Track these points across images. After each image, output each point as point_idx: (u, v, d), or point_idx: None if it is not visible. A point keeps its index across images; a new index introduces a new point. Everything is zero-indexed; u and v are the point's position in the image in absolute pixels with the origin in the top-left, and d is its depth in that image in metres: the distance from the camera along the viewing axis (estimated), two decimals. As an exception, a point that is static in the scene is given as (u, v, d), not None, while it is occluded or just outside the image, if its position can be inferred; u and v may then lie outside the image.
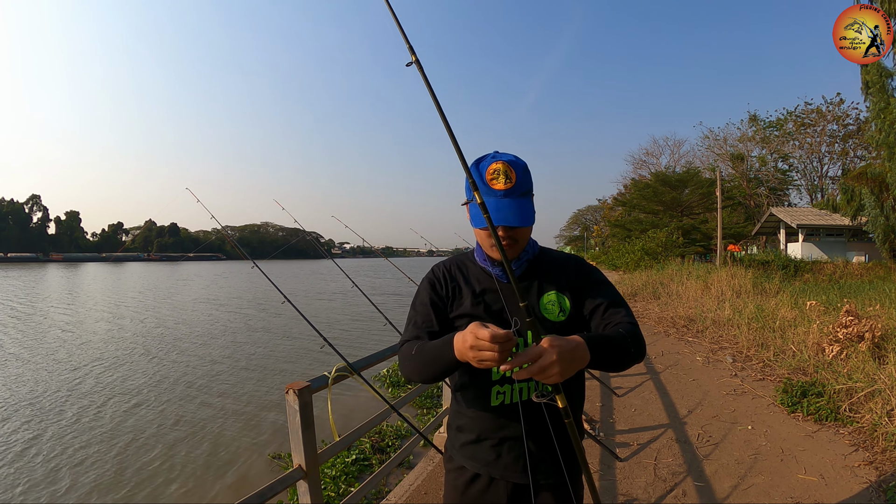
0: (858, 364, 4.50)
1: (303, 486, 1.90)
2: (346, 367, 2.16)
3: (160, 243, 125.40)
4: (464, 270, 1.22)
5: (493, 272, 1.17)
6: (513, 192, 1.06)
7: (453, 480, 1.22)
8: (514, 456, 1.13)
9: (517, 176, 1.07)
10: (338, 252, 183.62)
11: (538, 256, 1.20)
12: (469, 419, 1.19)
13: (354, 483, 3.85)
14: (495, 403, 1.13)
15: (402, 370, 1.14)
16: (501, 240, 1.06)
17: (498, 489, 1.15)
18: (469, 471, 1.18)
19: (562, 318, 1.13)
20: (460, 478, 1.20)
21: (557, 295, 1.15)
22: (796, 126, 35.67)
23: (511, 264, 1.13)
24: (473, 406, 1.17)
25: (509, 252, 1.11)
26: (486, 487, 1.16)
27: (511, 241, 1.10)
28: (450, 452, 1.25)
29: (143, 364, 9.12)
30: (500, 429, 1.13)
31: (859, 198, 17.57)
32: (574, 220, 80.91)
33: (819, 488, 2.85)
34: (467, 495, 1.18)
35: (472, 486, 1.17)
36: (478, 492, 1.17)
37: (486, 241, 1.13)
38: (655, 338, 7.85)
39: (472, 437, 1.18)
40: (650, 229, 26.92)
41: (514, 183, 1.06)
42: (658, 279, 14.98)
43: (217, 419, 6.12)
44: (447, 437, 1.28)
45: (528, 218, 1.08)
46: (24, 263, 76.07)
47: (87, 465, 4.90)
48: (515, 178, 1.06)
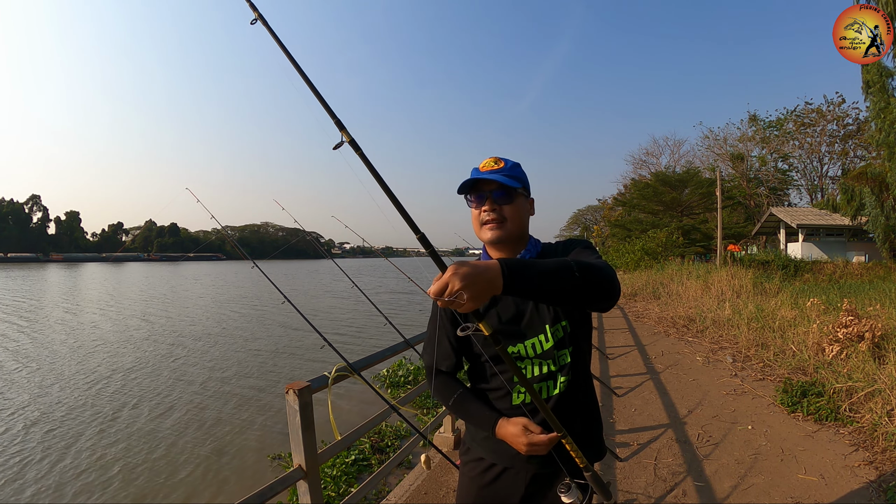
0: (858, 364, 4.50)
1: (303, 486, 1.90)
2: (346, 367, 2.15)
3: (160, 243, 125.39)
4: None
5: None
6: (499, 172, 1.14)
7: (470, 471, 1.24)
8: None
9: (506, 164, 1.17)
10: (338, 252, 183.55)
11: (541, 254, 1.21)
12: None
13: (354, 483, 3.85)
14: (517, 402, 1.16)
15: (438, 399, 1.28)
16: (488, 213, 1.14)
17: (518, 478, 1.18)
18: (487, 461, 1.21)
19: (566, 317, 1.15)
20: (478, 467, 1.22)
21: None
22: (796, 126, 35.66)
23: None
24: (495, 404, 1.19)
25: (500, 234, 1.14)
26: (505, 476, 1.19)
27: (499, 218, 1.14)
28: (468, 444, 1.27)
29: (143, 364, 9.12)
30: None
31: (859, 197, 17.57)
32: (574, 220, 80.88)
33: (819, 488, 2.85)
34: (486, 484, 1.20)
35: (488, 474, 1.20)
36: (497, 479, 1.19)
37: (477, 222, 1.18)
38: (655, 338, 7.85)
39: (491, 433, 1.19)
40: (650, 229, 26.92)
41: (502, 167, 1.15)
42: (658, 279, 14.99)
43: (217, 419, 6.13)
44: (466, 430, 1.30)
45: (507, 182, 1.11)
46: (24, 263, 76.07)
47: (87, 465, 4.90)
48: (504, 164, 1.16)
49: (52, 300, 21.37)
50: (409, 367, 7.18)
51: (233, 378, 8.09)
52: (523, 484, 1.17)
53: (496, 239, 1.15)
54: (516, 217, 1.16)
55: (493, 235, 1.14)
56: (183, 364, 9.13)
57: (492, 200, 1.13)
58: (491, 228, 1.14)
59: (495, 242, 1.16)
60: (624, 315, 10.45)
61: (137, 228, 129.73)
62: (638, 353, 6.67)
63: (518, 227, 1.17)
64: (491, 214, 1.13)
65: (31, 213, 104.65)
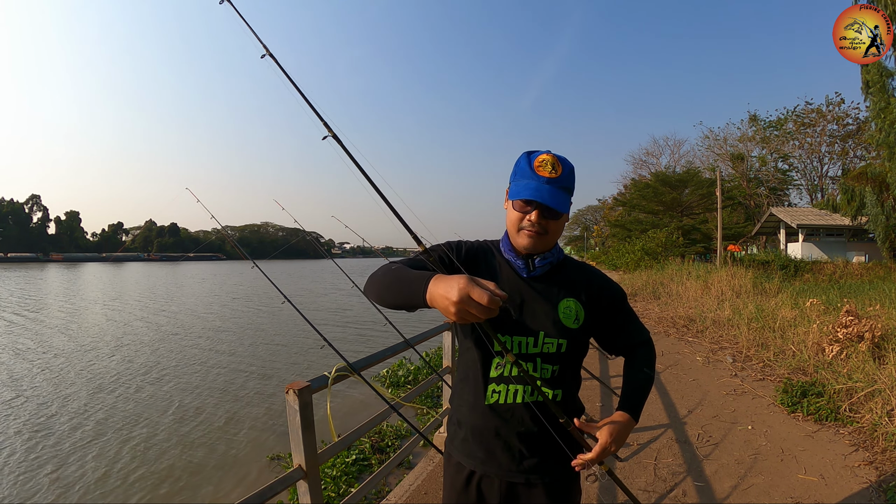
0: (858, 364, 4.50)
1: (303, 486, 1.90)
2: (347, 367, 2.15)
3: (160, 243, 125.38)
4: (487, 255, 1.22)
5: (515, 263, 1.17)
6: (555, 182, 1.07)
7: (451, 477, 1.23)
8: (509, 455, 1.13)
9: (563, 170, 1.10)
10: (338, 252, 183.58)
11: (562, 262, 1.20)
12: (465, 416, 1.20)
13: (354, 483, 3.85)
14: (490, 402, 1.14)
15: (367, 284, 1.11)
16: (532, 225, 1.08)
17: (492, 487, 1.15)
18: (466, 468, 1.19)
19: (575, 325, 1.14)
20: (457, 475, 1.20)
21: (575, 303, 1.15)
22: (796, 126, 35.68)
23: (535, 260, 1.15)
24: (470, 403, 1.18)
25: (537, 245, 1.11)
26: (481, 484, 1.16)
27: (541, 231, 1.10)
28: (448, 449, 1.26)
29: (143, 364, 9.12)
30: (494, 427, 1.13)
31: (860, 197, 17.57)
32: (574, 220, 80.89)
33: (819, 488, 2.85)
34: (463, 492, 1.18)
35: (468, 483, 1.18)
36: (473, 488, 1.17)
37: (515, 224, 1.12)
38: (655, 338, 7.85)
39: (467, 433, 1.19)
40: (650, 229, 26.95)
41: (559, 175, 1.08)
42: (658, 279, 14.99)
43: (217, 419, 6.12)
44: (447, 434, 1.29)
45: (563, 206, 1.08)
46: (24, 263, 76.08)
47: (87, 464, 4.90)
48: (561, 171, 1.09)
49: (55, 299, 21.37)
50: (409, 367, 7.18)
51: (232, 378, 8.09)
52: (498, 494, 1.15)
53: (532, 249, 1.11)
54: (557, 231, 1.13)
55: (529, 244, 1.11)
56: (182, 364, 9.13)
57: (540, 213, 1.07)
58: (530, 237, 1.10)
59: (529, 250, 1.12)
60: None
61: (137, 228, 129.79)
62: (638, 353, 6.66)
63: (556, 239, 1.15)
64: (535, 226, 1.08)
65: (31, 213, 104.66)
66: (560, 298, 1.14)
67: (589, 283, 1.18)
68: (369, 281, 1.10)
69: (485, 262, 1.20)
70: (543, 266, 1.16)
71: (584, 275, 1.20)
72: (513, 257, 1.17)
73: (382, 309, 1.86)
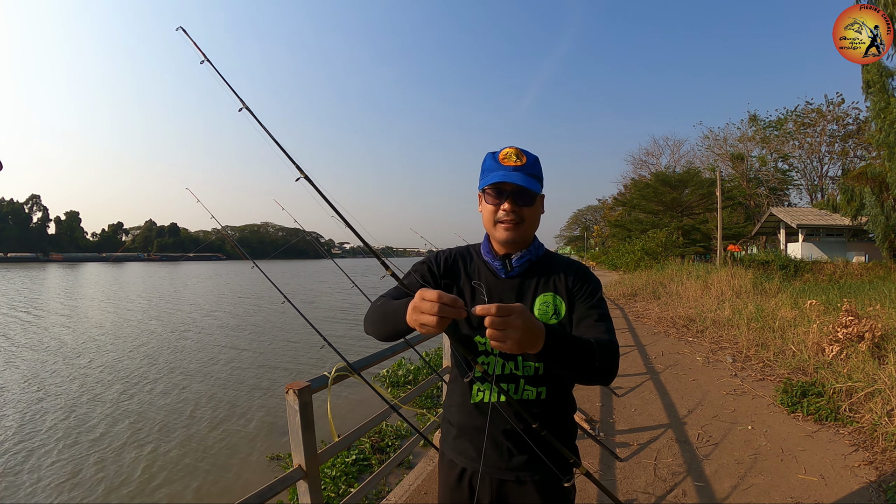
0: (858, 364, 4.50)
1: (303, 486, 1.90)
2: (347, 366, 2.15)
3: (160, 243, 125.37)
4: (466, 260, 1.22)
5: (493, 265, 1.17)
6: (522, 169, 1.09)
7: (444, 475, 1.23)
8: (498, 452, 1.14)
9: (528, 159, 1.12)
10: (338, 252, 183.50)
11: (542, 258, 1.19)
12: (454, 414, 1.22)
13: (354, 483, 3.85)
14: (475, 400, 1.15)
15: (364, 325, 1.18)
16: (507, 214, 1.10)
17: (483, 484, 1.16)
18: (458, 465, 1.19)
19: (554, 320, 1.12)
20: (450, 472, 1.21)
21: (554, 297, 1.14)
22: (796, 126, 35.67)
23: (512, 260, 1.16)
24: (458, 401, 1.20)
25: (515, 236, 1.12)
26: (472, 481, 1.17)
27: (517, 220, 1.11)
28: (442, 447, 1.27)
29: (142, 364, 9.12)
30: (482, 425, 1.13)
31: (859, 197, 17.59)
32: (574, 220, 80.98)
33: (819, 488, 2.85)
34: (456, 489, 1.19)
35: (460, 480, 1.18)
36: (465, 485, 1.17)
37: (491, 219, 1.13)
38: (655, 338, 7.85)
39: (458, 431, 1.20)
40: (650, 229, 26.97)
41: (525, 163, 1.10)
42: (658, 279, 14.99)
43: (217, 419, 6.12)
44: (441, 432, 1.30)
45: (534, 186, 1.09)
46: (23, 263, 76.09)
47: (87, 465, 4.90)
48: (526, 160, 1.11)
49: (54, 299, 21.37)
50: (409, 367, 7.18)
51: (232, 378, 8.09)
52: (489, 491, 1.15)
53: (511, 240, 1.13)
54: (534, 219, 1.14)
55: (508, 236, 1.12)
56: (182, 364, 9.13)
57: (512, 200, 1.09)
58: (507, 229, 1.11)
59: (508, 243, 1.14)
60: (624, 315, 10.44)
61: (137, 228, 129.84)
62: (638, 353, 6.67)
63: (533, 229, 1.16)
64: (510, 215, 1.10)
65: (31, 213, 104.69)
66: (537, 294, 1.14)
67: (566, 274, 1.17)
68: (365, 322, 1.17)
69: (464, 267, 1.21)
70: (521, 264, 1.16)
71: (563, 267, 1.18)
72: (490, 258, 1.18)
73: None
